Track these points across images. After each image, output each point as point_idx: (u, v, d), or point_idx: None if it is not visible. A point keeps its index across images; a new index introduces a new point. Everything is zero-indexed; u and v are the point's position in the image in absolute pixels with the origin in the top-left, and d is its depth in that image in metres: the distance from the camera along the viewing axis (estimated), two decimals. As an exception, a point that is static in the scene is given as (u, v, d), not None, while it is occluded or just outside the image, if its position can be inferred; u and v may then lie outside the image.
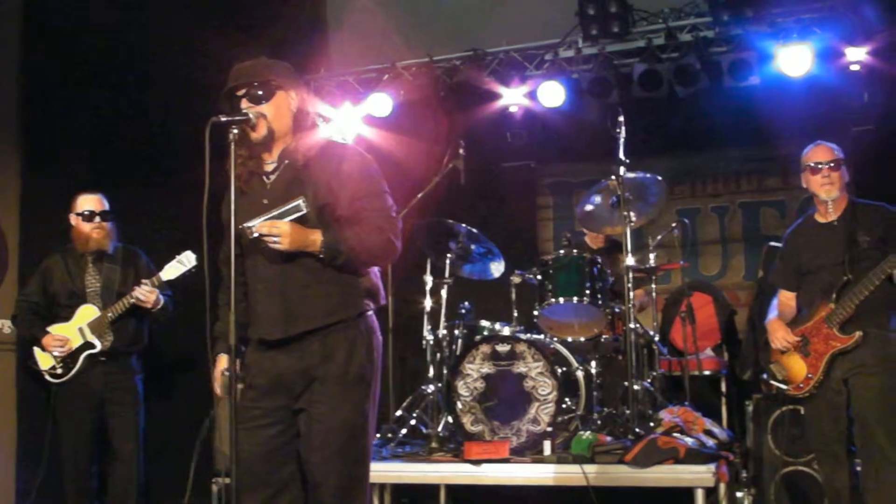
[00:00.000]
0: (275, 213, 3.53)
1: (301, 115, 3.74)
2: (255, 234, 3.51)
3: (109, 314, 5.75)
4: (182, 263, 5.72)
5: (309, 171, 3.66)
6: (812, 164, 4.99)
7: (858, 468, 4.87)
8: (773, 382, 5.08)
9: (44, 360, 5.75)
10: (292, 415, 3.67)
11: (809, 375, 4.89)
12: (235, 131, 3.54)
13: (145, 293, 5.71)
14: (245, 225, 3.52)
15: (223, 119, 3.52)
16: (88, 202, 5.90)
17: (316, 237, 3.55)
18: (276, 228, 3.50)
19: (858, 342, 4.77)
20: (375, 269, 3.82)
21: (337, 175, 3.66)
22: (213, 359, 3.81)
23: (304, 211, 3.55)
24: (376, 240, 3.62)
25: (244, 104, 3.65)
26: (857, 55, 7.13)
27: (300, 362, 3.62)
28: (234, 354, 3.43)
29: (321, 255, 3.56)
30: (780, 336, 5.01)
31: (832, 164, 4.93)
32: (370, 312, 3.77)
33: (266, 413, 3.63)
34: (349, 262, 3.60)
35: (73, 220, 5.92)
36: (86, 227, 5.86)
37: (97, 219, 5.88)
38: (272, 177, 3.72)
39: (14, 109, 6.84)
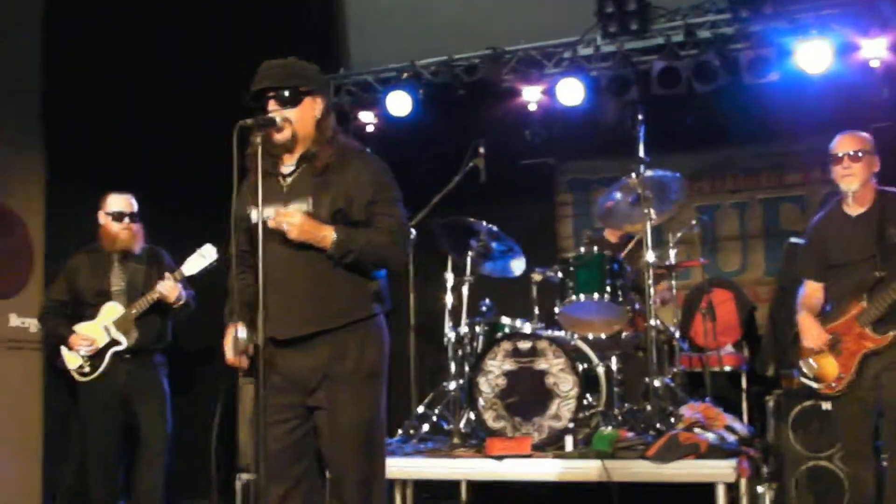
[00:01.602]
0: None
1: (324, 121, 3.82)
2: (269, 221, 3.58)
3: (134, 311, 5.80)
4: (203, 257, 5.76)
5: (326, 176, 3.73)
6: (835, 154, 4.90)
7: (884, 463, 4.83)
8: (804, 381, 4.98)
9: (71, 360, 5.81)
10: (306, 411, 3.77)
11: (841, 375, 4.78)
12: (266, 134, 3.60)
13: (168, 288, 5.76)
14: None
15: (250, 122, 3.58)
16: (118, 202, 5.95)
17: (328, 233, 3.62)
18: (290, 216, 3.58)
19: (893, 342, 4.67)
20: (384, 273, 3.89)
21: (354, 181, 3.74)
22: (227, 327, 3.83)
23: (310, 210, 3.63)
24: (386, 244, 3.69)
25: (271, 105, 3.72)
26: (876, 51, 7.12)
27: (313, 360, 3.70)
28: (261, 355, 3.48)
29: (331, 252, 3.62)
30: (813, 335, 4.88)
31: (852, 155, 4.83)
32: (380, 315, 3.86)
33: (280, 409, 3.71)
34: (357, 262, 3.67)
35: (102, 218, 5.95)
36: (114, 227, 5.90)
37: (126, 220, 5.92)
38: (289, 179, 3.79)
39: (38, 109, 6.89)
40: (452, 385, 6.52)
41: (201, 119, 7.08)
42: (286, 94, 3.72)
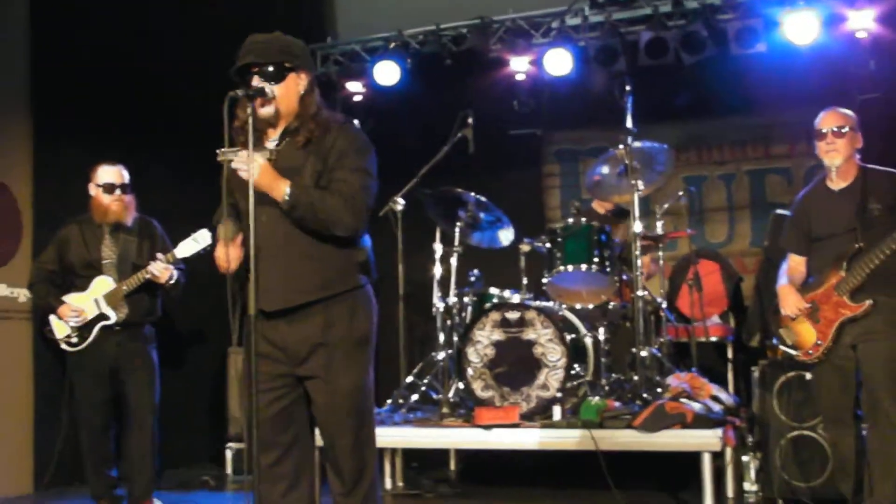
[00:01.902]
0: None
1: (308, 97, 3.82)
2: (229, 161, 3.60)
3: (125, 288, 5.79)
4: (197, 242, 5.72)
5: (309, 148, 3.75)
6: (819, 130, 4.97)
7: (864, 433, 4.92)
8: (782, 348, 5.10)
9: (60, 329, 5.81)
10: (295, 381, 3.82)
11: (819, 342, 4.90)
12: (253, 105, 3.60)
13: (160, 269, 5.75)
14: (222, 152, 3.61)
15: (240, 93, 3.58)
16: (109, 174, 5.91)
17: (285, 185, 3.62)
18: (251, 160, 3.56)
19: (869, 310, 4.77)
20: (369, 243, 3.92)
21: (331, 149, 3.75)
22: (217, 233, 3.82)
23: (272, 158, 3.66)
24: (335, 207, 3.66)
25: (255, 81, 3.72)
26: (863, 22, 7.14)
27: (302, 331, 3.74)
28: (254, 325, 3.50)
29: (282, 203, 3.62)
30: (791, 302, 5.01)
31: (835, 131, 4.91)
32: (367, 285, 3.89)
33: (268, 378, 3.74)
34: (305, 218, 3.66)
35: (93, 190, 5.93)
36: (105, 198, 5.88)
37: (117, 191, 5.90)
38: (273, 152, 3.78)
39: (26, 80, 6.85)
40: (441, 355, 6.57)
41: (191, 88, 7.06)
42: (270, 69, 3.73)
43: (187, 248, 5.78)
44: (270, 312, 3.70)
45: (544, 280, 6.40)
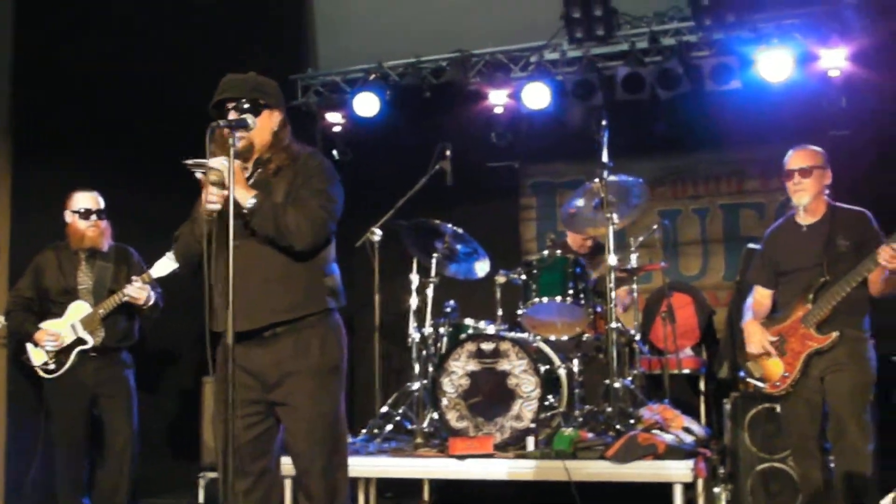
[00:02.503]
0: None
1: (281, 132, 3.95)
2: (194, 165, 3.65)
3: (101, 310, 5.80)
4: (172, 260, 5.72)
5: (279, 175, 3.86)
6: (787, 169, 5.08)
7: (832, 464, 4.96)
8: (750, 380, 5.16)
9: (37, 356, 5.80)
10: (268, 407, 3.86)
11: (786, 374, 4.96)
12: (238, 135, 3.68)
13: (136, 290, 5.77)
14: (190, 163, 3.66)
15: (222, 123, 3.64)
16: (85, 200, 5.94)
17: (251, 193, 3.71)
18: (224, 167, 3.64)
19: (835, 342, 4.83)
20: (337, 271, 4.01)
21: (298, 174, 3.87)
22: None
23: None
24: (296, 220, 3.74)
25: (232, 115, 3.80)
26: (835, 61, 7.27)
27: (273, 355, 3.80)
28: (233, 351, 3.51)
29: (245, 209, 3.68)
30: (756, 340, 5.07)
31: (803, 169, 4.99)
32: (335, 311, 3.97)
33: (242, 405, 3.76)
34: (265, 227, 3.72)
35: (69, 217, 5.95)
36: (81, 224, 5.90)
37: (93, 217, 5.92)
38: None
39: (5, 105, 6.86)
40: (416, 385, 6.58)
41: (171, 117, 7.08)
42: (246, 105, 3.83)
43: (163, 266, 5.79)
44: (241, 336, 3.71)
45: (519, 311, 6.44)
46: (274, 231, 3.73)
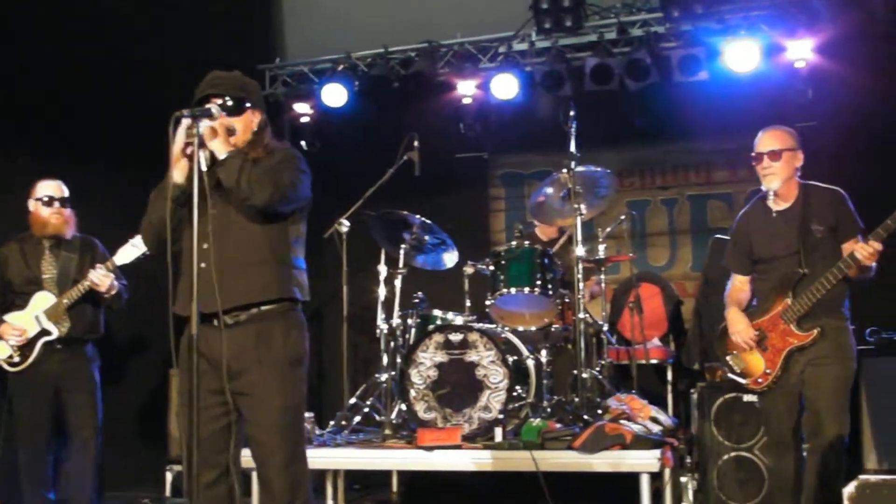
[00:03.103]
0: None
1: (261, 132, 3.98)
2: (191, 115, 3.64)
3: (66, 300, 5.75)
4: (136, 247, 5.69)
5: (254, 165, 3.82)
6: (755, 152, 4.96)
7: (804, 454, 4.93)
8: (731, 375, 5.08)
9: (0, 350, 5.74)
10: (232, 398, 3.81)
11: (767, 371, 4.89)
12: (203, 125, 3.64)
13: (100, 276, 5.72)
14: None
15: (185, 113, 3.61)
16: (48, 188, 5.89)
17: (229, 149, 3.75)
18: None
19: (817, 339, 4.77)
20: (304, 266, 4.01)
21: (271, 159, 3.88)
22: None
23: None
24: (261, 178, 3.74)
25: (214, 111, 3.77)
26: (802, 52, 7.32)
27: (236, 344, 3.76)
28: (196, 342, 3.48)
29: (221, 161, 3.71)
30: (740, 331, 4.96)
31: (772, 152, 4.89)
32: (299, 307, 3.97)
33: (206, 394, 3.72)
34: (229, 179, 3.73)
35: (32, 205, 5.89)
36: (45, 211, 5.85)
37: (56, 204, 5.87)
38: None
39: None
40: (384, 376, 6.56)
41: (137, 104, 7.01)
42: (230, 103, 3.82)
43: (126, 254, 5.75)
44: (206, 320, 3.67)
45: (487, 302, 6.43)
46: (235, 182, 3.73)
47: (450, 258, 7.06)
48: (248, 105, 3.90)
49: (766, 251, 5.00)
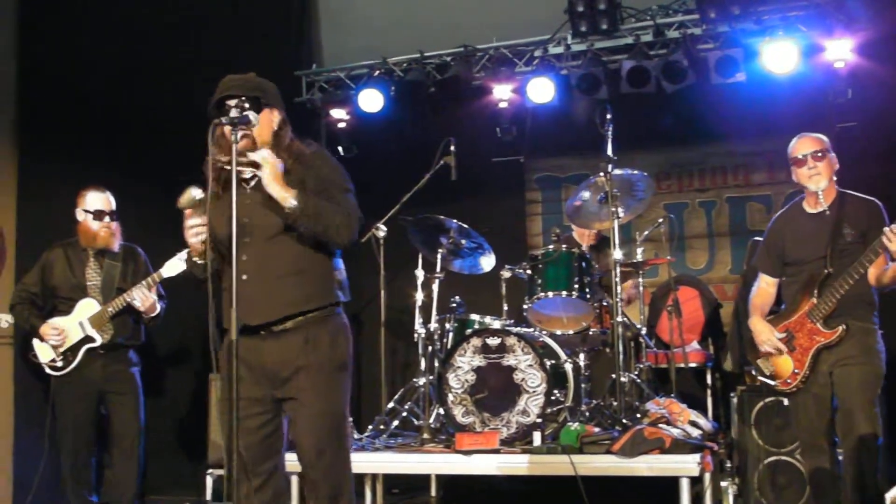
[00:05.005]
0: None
1: (281, 131, 3.96)
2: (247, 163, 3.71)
3: (110, 309, 5.82)
4: (182, 261, 5.74)
5: (287, 177, 3.82)
6: (797, 157, 5.01)
7: (840, 457, 4.94)
8: (760, 378, 5.13)
9: (44, 353, 5.82)
10: (275, 406, 3.88)
11: (796, 371, 4.92)
12: (240, 133, 3.68)
13: (141, 297, 5.78)
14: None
15: (225, 120, 3.63)
16: (98, 200, 5.96)
17: (291, 192, 3.72)
18: (267, 161, 3.71)
19: (843, 336, 4.81)
20: (342, 266, 4.03)
21: (308, 173, 3.88)
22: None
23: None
24: (340, 218, 3.80)
25: (233, 113, 3.78)
26: (841, 52, 7.24)
27: (284, 352, 3.81)
28: (237, 349, 3.50)
29: (290, 208, 3.70)
30: (764, 339, 5.03)
31: (816, 154, 4.95)
32: (341, 308, 4.00)
33: (250, 403, 3.78)
34: (309, 226, 3.75)
35: (81, 216, 5.96)
36: (94, 225, 5.92)
37: (106, 218, 5.95)
38: (251, 182, 3.90)
39: (11, 100, 6.86)
40: (422, 381, 6.58)
41: (177, 113, 7.07)
42: (247, 104, 3.82)
43: (173, 267, 5.80)
44: (251, 331, 3.74)
45: (525, 306, 6.43)
46: (322, 230, 3.77)
47: (487, 262, 7.06)
48: (264, 103, 3.88)
49: (795, 254, 5.05)
